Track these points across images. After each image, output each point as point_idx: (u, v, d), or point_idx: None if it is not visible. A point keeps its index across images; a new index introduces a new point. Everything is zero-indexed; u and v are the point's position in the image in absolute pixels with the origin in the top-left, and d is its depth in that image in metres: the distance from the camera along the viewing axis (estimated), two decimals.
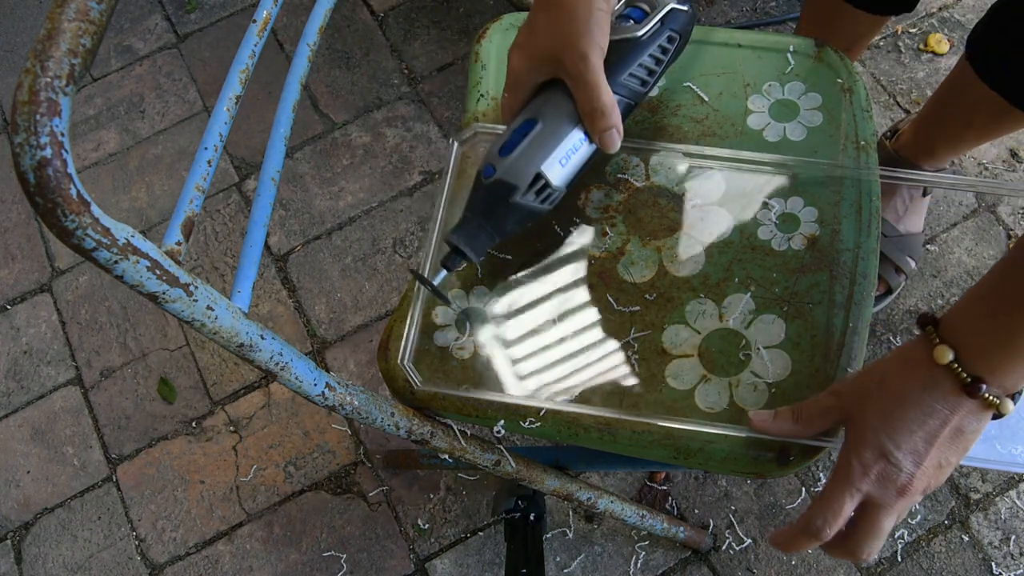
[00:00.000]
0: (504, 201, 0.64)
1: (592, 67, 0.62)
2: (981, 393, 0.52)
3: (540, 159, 0.64)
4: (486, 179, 0.65)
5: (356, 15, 1.65)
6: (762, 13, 1.56)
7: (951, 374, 0.53)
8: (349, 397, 0.59)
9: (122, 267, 0.39)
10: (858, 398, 0.57)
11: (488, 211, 0.65)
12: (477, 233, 0.65)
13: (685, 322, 0.69)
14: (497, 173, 0.64)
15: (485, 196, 0.65)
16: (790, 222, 0.72)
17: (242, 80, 0.56)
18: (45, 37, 0.36)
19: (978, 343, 0.52)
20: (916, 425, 0.54)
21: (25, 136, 0.35)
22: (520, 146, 0.64)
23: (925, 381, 0.54)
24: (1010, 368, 0.52)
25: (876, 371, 0.57)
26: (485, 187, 0.65)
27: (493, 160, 0.65)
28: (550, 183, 0.65)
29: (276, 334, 0.52)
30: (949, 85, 1.09)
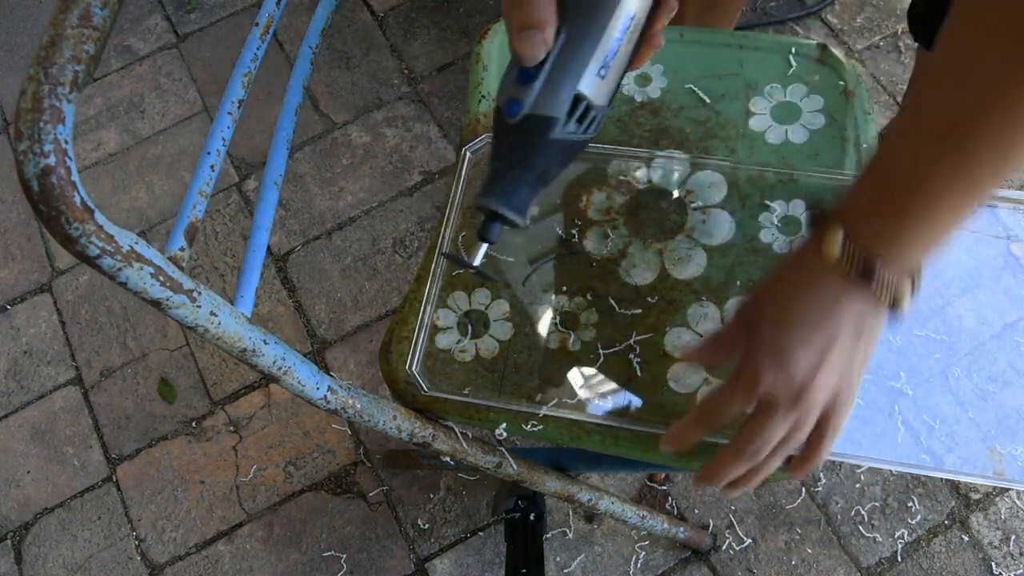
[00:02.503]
0: (541, 140, 0.51)
1: None
2: (875, 275, 0.48)
3: (575, 76, 0.51)
4: (512, 117, 0.51)
5: (356, 15, 1.65)
6: (762, 13, 1.56)
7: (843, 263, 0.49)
8: (351, 400, 0.59)
9: (126, 274, 0.39)
10: (756, 306, 0.54)
11: (524, 157, 0.52)
12: (516, 188, 0.52)
13: (687, 325, 0.69)
14: (525, 107, 0.50)
15: (516, 139, 0.52)
16: (792, 224, 0.72)
17: (244, 84, 0.56)
18: (48, 43, 0.36)
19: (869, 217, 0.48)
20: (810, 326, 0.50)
21: (29, 144, 0.34)
22: (546, 66, 0.50)
23: (818, 275, 0.50)
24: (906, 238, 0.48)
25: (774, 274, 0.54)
26: (513, 127, 0.51)
27: (514, 92, 0.51)
28: (592, 104, 0.52)
29: (278, 337, 0.52)
30: (917, 70, 1.10)
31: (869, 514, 1.18)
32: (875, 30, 1.52)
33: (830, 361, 0.51)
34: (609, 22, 0.51)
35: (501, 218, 0.52)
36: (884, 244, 0.48)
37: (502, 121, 0.52)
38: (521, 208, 0.52)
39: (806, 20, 1.54)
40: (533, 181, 0.52)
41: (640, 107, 0.80)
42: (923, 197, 0.46)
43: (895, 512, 1.18)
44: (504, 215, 0.52)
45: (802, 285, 0.51)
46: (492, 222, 0.53)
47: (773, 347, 0.51)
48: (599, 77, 0.52)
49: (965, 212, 0.47)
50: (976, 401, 0.68)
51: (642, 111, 0.79)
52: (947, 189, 0.46)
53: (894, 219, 0.47)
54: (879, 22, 1.53)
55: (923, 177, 0.46)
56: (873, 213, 0.48)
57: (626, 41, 0.52)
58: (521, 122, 0.51)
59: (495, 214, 0.52)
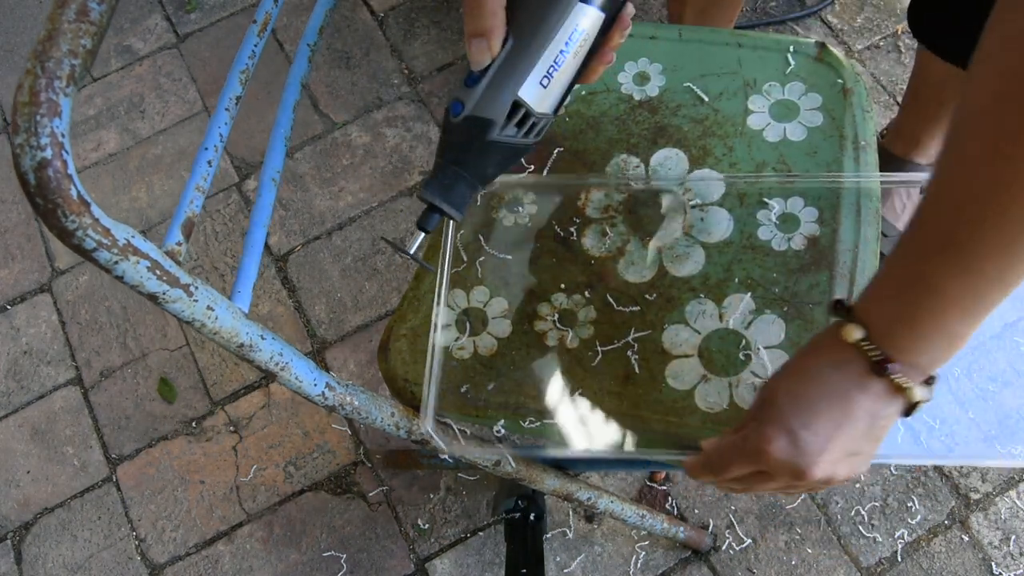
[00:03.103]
0: (480, 140, 0.54)
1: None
2: (889, 373, 0.50)
3: (515, 83, 0.53)
4: (454, 117, 0.54)
5: (356, 15, 1.65)
6: (762, 13, 1.56)
7: (860, 353, 0.51)
8: (349, 397, 0.59)
9: (122, 267, 0.39)
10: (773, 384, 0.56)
11: (462, 155, 0.54)
12: (454, 183, 0.54)
13: (685, 322, 0.69)
14: (467, 108, 0.53)
15: (457, 138, 0.54)
16: (790, 222, 0.72)
17: (242, 80, 0.56)
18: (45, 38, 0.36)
19: (885, 322, 0.51)
20: (824, 407, 0.52)
21: (25, 137, 0.35)
22: (489, 72, 0.53)
23: (835, 361, 0.52)
24: (921, 346, 0.50)
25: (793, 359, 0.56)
26: (455, 127, 0.54)
27: (460, 93, 0.54)
28: (532, 111, 0.54)
29: (276, 334, 0.52)
30: (916, 69, 1.11)
31: (869, 514, 1.18)
32: (875, 30, 1.52)
33: (836, 446, 0.52)
34: (556, 34, 0.53)
35: (439, 210, 0.55)
36: (898, 348, 0.50)
37: (448, 120, 0.54)
38: (458, 203, 0.55)
39: (806, 20, 1.54)
40: (470, 179, 0.55)
41: (638, 105, 0.80)
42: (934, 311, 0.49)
43: (895, 512, 1.18)
44: (441, 208, 0.54)
45: (820, 368, 0.53)
46: (431, 213, 0.55)
47: (783, 424, 0.53)
48: (541, 86, 0.54)
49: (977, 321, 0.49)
50: (976, 401, 0.68)
51: (640, 109, 0.79)
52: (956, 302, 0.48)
53: (908, 327, 0.50)
54: (879, 22, 1.53)
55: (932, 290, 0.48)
56: (889, 317, 0.51)
57: (573, 54, 0.54)
58: (462, 122, 0.54)
59: (434, 206, 0.55)
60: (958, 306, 0.48)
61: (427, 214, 0.56)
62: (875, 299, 0.52)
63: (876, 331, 0.51)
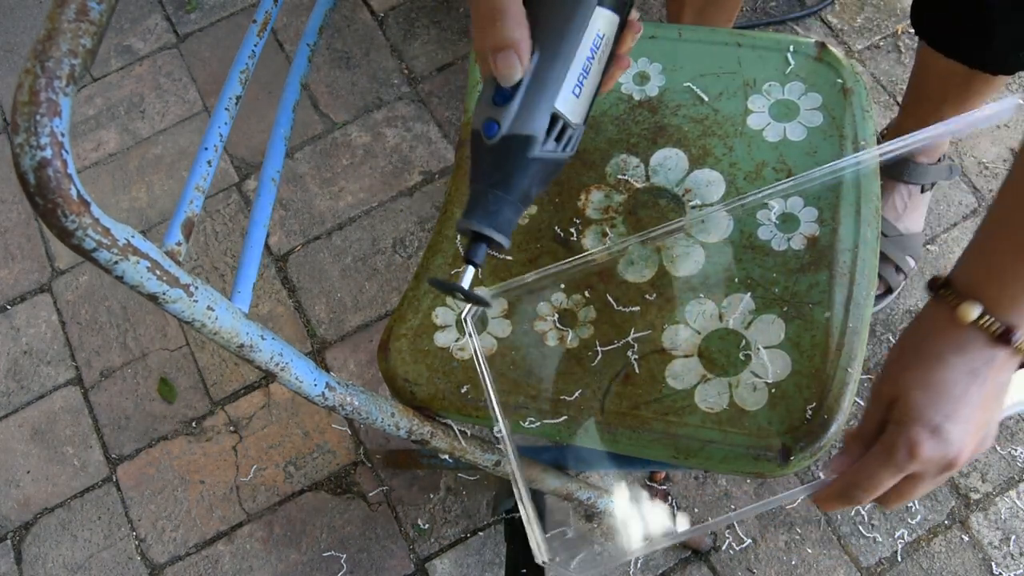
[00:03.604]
0: (521, 159, 0.51)
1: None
2: (1012, 342, 0.51)
3: (552, 94, 0.51)
4: (491, 138, 0.51)
5: (356, 15, 1.65)
6: (762, 13, 1.56)
7: (981, 330, 0.51)
8: (349, 397, 0.59)
9: (122, 267, 0.39)
10: (895, 381, 0.55)
11: (505, 177, 0.51)
12: (499, 208, 0.51)
13: (685, 322, 0.69)
14: (503, 128, 0.50)
15: (496, 159, 0.51)
16: (790, 222, 0.72)
17: (242, 80, 0.56)
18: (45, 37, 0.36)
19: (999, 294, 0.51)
20: (961, 392, 0.52)
21: (25, 137, 0.35)
22: (522, 86, 0.50)
23: (956, 343, 0.52)
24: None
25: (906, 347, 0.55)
26: (493, 148, 0.51)
27: (491, 112, 0.51)
28: (569, 122, 0.52)
29: (276, 334, 0.52)
30: (918, 67, 1.11)
31: (869, 514, 1.18)
32: (875, 30, 1.52)
33: (978, 426, 0.53)
34: (581, 40, 0.51)
35: (486, 239, 0.52)
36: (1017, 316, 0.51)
37: (481, 143, 0.51)
38: (506, 228, 0.52)
39: (806, 20, 1.54)
40: (515, 201, 0.52)
41: (638, 105, 0.80)
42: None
43: (895, 512, 1.18)
44: (489, 236, 0.51)
45: (942, 354, 0.53)
46: (477, 244, 0.52)
47: (926, 421, 0.52)
48: (574, 95, 0.52)
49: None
50: None
51: (640, 109, 0.79)
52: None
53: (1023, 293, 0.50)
54: (879, 22, 1.53)
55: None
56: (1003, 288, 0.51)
57: (597, 60, 0.53)
58: (500, 142, 0.51)
59: (479, 236, 0.51)
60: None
61: (474, 245, 0.52)
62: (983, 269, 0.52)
63: (992, 304, 0.51)
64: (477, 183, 0.52)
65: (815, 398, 0.64)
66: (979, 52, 0.98)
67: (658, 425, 0.65)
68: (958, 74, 1.02)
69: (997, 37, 0.94)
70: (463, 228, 0.52)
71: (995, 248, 0.52)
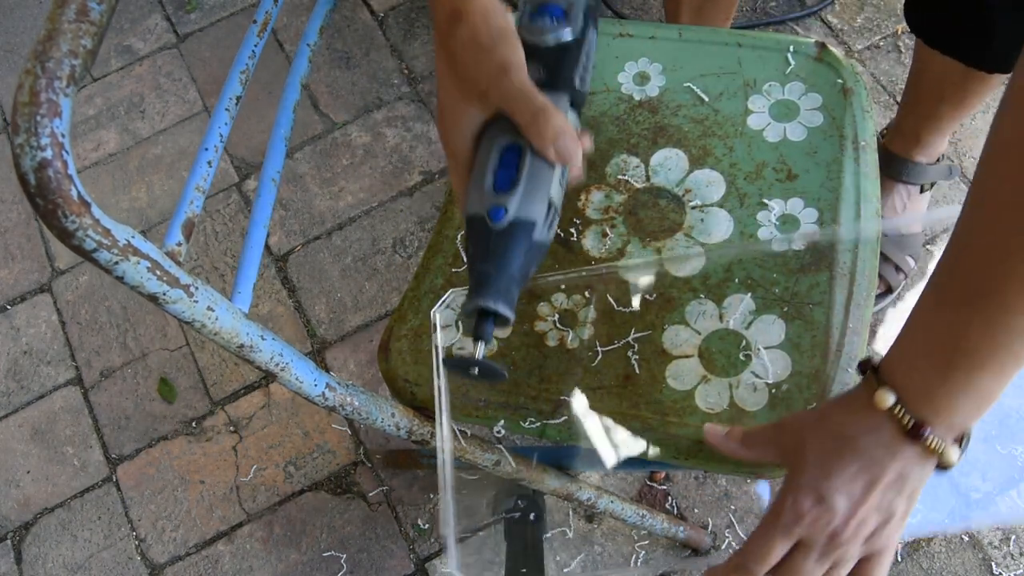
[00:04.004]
0: (525, 241, 0.55)
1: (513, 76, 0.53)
2: (924, 438, 0.49)
3: (547, 184, 0.56)
4: (497, 223, 0.54)
5: (356, 15, 1.65)
6: (762, 13, 1.56)
7: (893, 419, 0.50)
8: (349, 398, 0.59)
9: (122, 268, 0.39)
10: (800, 438, 0.55)
11: (512, 259, 0.55)
12: (507, 287, 0.55)
13: (685, 323, 0.69)
14: (510, 213, 0.54)
15: (501, 243, 0.55)
16: (790, 223, 0.72)
17: (242, 81, 0.56)
18: (45, 38, 0.36)
19: (916, 385, 0.50)
20: (854, 471, 0.51)
21: (26, 137, 0.35)
22: (523, 176, 0.55)
23: (867, 426, 0.51)
24: (954, 407, 0.49)
25: (821, 412, 0.55)
26: (500, 232, 0.55)
27: (496, 199, 0.55)
28: (557, 209, 0.58)
29: (276, 334, 0.52)
30: (915, 65, 1.11)
31: None
32: (875, 30, 1.52)
33: (871, 504, 0.52)
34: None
35: (494, 316, 0.54)
36: (931, 412, 0.49)
37: (485, 227, 0.55)
38: (512, 304, 0.55)
39: (806, 20, 1.54)
40: (519, 279, 0.55)
41: (638, 105, 0.80)
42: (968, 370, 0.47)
43: None
44: (499, 312, 0.54)
45: (852, 428, 0.52)
46: (485, 321, 0.55)
47: (817, 484, 0.52)
48: (559, 185, 0.57)
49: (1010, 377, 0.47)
50: None
51: (640, 109, 0.79)
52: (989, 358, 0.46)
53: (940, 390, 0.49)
54: (879, 22, 1.53)
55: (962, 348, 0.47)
56: (920, 380, 0.50)
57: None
58: (508, 227, 0.55)
59: (486, 312, 0.54)
60: (991, 362, 0.47)
61: (483, 322, 0.55)
62: (904, 360, 0.51)
63: (907, 395, 0.50)
64: (483, 263, 0.55)
65: (815, 399, 0.64)
66: (978, 51, 0.98)
67: (658, 426, 0.65)
68: (955, 72, 1.02)
69: (997, 36, 0.94)
70: (472, 307, 0.55)
71: (913, 339, 0.51)
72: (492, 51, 0.54)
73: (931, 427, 0.49)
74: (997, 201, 0.44)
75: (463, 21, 0.54)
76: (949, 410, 0.49)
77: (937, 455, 0.50)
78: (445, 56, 0.56)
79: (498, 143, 0.57)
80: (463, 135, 0.57)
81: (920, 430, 0.49)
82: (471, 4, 0.54)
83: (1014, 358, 0.46)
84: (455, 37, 0.54)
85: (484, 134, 0.58)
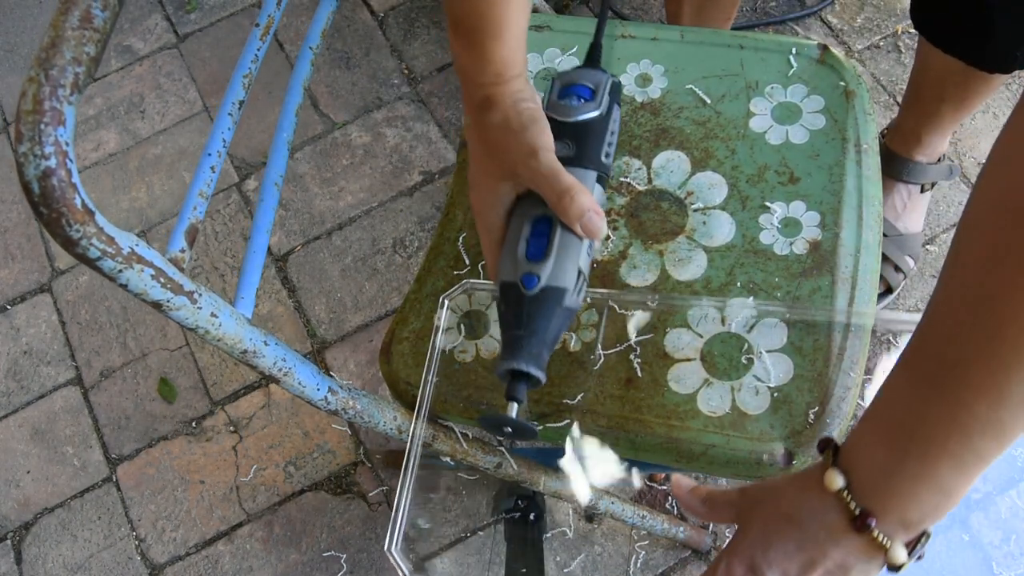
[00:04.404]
0: (556, 308, 0.58)
1: (542, 157, 0.57)
2: (870, 529, 0.45)
3: (577, 253, 0.59)
4: (530, 290, 0.58)
5: (356, 15, 1.65)
6: (762, 13, 1.55)
7: (840, 503, 0.46)
8: (352, 401, 0.59)
9: (126, 276, 0.39)
10: (751, 505, 0.53)
11: (544, 324, 0.58)
12: (540, 351, 0.58)
13: (687, 326, 0.69)
14: (543, 280, 0.58)
15: (535, 308, 0.58)
16: (792, 226, 0.72)
17: (245, 84, 0.56)
18: (49, 45, 0.36)
19: (868, 471, 0.46)
20: (793, 549, 0.48)
21: (29, 146, 0.34)
22: (555, 246, 0.58)
23: (813, 507, 0.48)
24: (907, 500, 0.45)
25: (776, 485, 0.52)
26: (532, 299, 0.58)
27: (528, 267, 0.58)
28: (586, 277, 0.61)
29: (278, 337, 0.52)
30: (917, 64, 1.11)
31: None
32: (875, 30, 1.52)
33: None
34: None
35: (526, 377, 0.57)
36: (882, 502, 0.45)
37: (519, 293, 0.58)
38: (544, 367, 0.58)
39: (806, 20, 1.54)
40: (551, 343, 0.58)
41: (640, 107, 0.80)
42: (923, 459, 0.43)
43: None
44: (532, 374, 0.57)
45: (799, 506, 0.49)
46: (519, 383, 0.57)
47: (753, 553, 0.50)
48: (587, 254, 0.60)
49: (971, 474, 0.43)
50: None
51: (642, 111, 0.79)
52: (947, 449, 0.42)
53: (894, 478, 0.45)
54: (879, 22, 1.53)
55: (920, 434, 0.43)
56: (873, 466, 0.46)
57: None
58: (540, 294, 0.58)
59: (520, 375, 0.57)
60: (949, 455, 0.42)
61: (517, 384, 0.58)
62: (862, 441, 0.47)
63: (858, 480, 0.46)
64: (516, 329, 0.58)
65: (817, 402, 0.64)
66: (978, 50, 0.98)
67: (660, 429, 0.65)
68: (957, 72, 1.02)
69: (997, 36, 0.94)
70: (506, 370, 0.57)
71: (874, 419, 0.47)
72: (522, 135, 0.57)
73: (878, 519, 0.45)
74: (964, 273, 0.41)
75: (495, 108, 0.57)
76: (901, 502, 0.45)
77: (884, 551, 0.46)
78: (478, 136, 0.59)
79: (530, 216, 0.60)
80: (496, 211, 0.60)
81: (866, 520, 0.45)
82: (502, 93, 0.57)
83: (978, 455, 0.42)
84: (488, 121, 0.58)
85: (516, 208, 0.61)
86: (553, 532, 1.21)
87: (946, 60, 1.01)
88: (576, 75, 0.66)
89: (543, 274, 0.58)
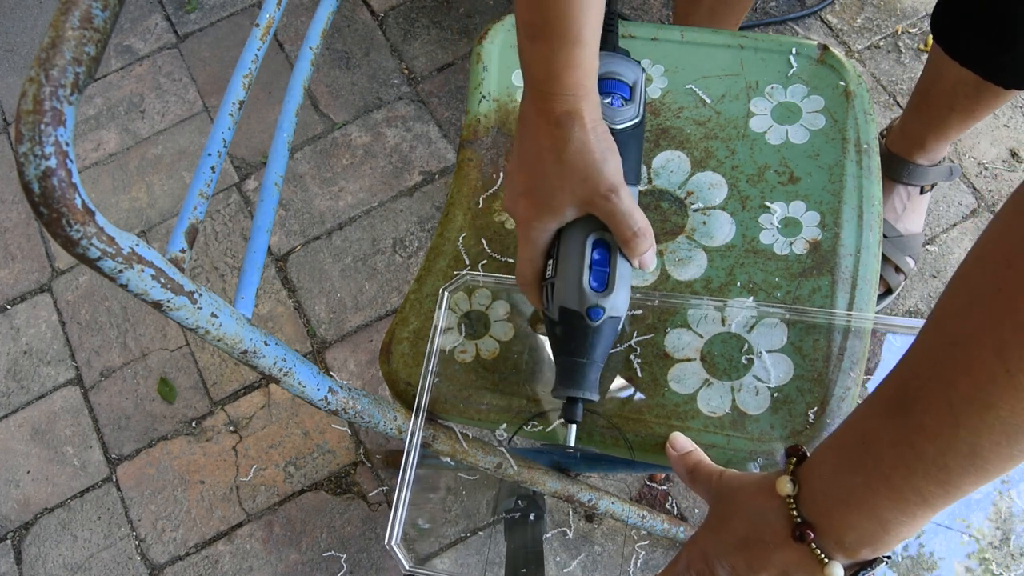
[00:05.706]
0: (614, 334, 0.62)
1: (623, 195, 0.58)
2: (806, 541, 0.46)
3: (629, 282, 0.62)
4: (595, 320, 0.60)
5: (356, 15, 1.65)
6: (762, 13, 1.56)
7: (785, 510, 0.47)
8: (352, 401, 0.59)
9: (127, 276, 0.39)
10: (720, 492, 0.54)
11: (604, 352, 0.61)
12: (597, 376, 0.61)
13: (687, 326, 0.69)
14: (607, 312, 0.60)
15: (597, 339, 0.60)
16: (792, 226, 0.72)
17: (245, 85, 0.56)
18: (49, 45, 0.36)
19: (817, 484, 0.46)
20: (737, 544, 0.50)
21: (30, 146, 0.34)
22: (616, 277, 0.61)
23: (763, 508, 0.49)
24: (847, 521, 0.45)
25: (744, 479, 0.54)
26: (598, 328, 0.60)
27: (595, 300, 0.60)
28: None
29: (278, 337, 0.52)
30: (928, 71, 1.11)
31: None
32: (875, 30, 1.52)
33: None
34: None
35: (583, 400, 0.61)
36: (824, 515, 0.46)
37: (583, 323, 0.60)
38: (597, 387, 0.61)
39: (806, 20, 1.54)
40: (602, 364, 0.62)
41: None
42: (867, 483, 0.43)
43: None
44: (589, 399, 0.61)
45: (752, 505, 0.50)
46: (576, 405, 0.61)
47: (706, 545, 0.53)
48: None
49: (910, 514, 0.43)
50: None
51: None
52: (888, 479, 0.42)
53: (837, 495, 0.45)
54: (879, 22, 1.53)
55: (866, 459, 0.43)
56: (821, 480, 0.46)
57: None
58: (604, 324, 0.60)
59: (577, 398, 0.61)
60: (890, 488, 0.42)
61: (574, 406, 0.61)
62: (819, 456, 0.48)
63: (807, 492, 0.47)
64: (578, 357, 0.61)
65: (817, 402, 0.64)
66: (997, 65, 0.98)
67: (660, 429, 0.65)
68: (969, 84, 1.02)
69: (1018, 52, 0.93)
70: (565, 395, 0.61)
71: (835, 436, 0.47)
72: (603, 167, 0.57)
73: (817, 534, 0.46)
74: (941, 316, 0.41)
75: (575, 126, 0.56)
76: (841, 522, 0.45)
77: (821, 567, 0.46)
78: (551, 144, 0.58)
79: (585, 238, 0.61)
80: (550, 228, 0.61)
81: (805, 531, 0.46)
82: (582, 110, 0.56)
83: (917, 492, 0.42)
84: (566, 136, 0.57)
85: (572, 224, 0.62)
86: (553, 532, 1.21)
87: (960, 71, 1.01)
88: (610, 63, 0.65)
89: (607, 306, 0.60)
